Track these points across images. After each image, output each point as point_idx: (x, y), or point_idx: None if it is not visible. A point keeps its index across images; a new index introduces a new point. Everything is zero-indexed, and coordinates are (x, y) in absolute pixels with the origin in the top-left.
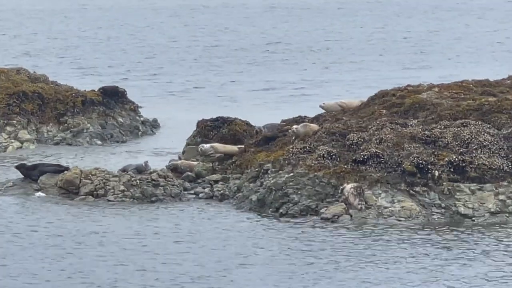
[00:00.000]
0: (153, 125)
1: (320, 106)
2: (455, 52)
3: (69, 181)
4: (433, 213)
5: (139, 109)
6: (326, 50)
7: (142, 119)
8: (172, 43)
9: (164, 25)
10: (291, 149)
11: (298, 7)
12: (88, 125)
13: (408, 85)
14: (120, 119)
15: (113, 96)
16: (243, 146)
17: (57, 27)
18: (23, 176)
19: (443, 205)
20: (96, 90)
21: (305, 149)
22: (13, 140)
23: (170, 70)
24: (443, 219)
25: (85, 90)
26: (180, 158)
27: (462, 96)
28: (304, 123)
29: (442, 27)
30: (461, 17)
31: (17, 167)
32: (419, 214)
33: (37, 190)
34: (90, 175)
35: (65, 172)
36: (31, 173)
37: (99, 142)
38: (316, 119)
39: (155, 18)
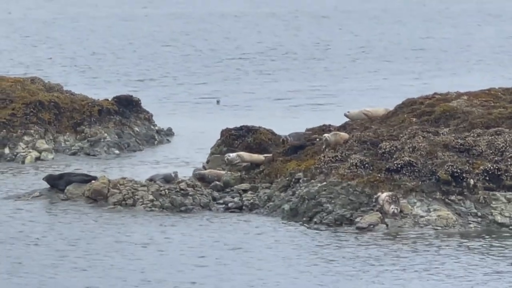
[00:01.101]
0: (168, 134)
1: (345, 115)
2: (467, 59)
3: (97, 191)
4: (469, 222)
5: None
6: (334, 58)
7: (156, 128)
8: (183, 52)
9: (176, 34)
10: (322, 158)
11: (303, 15)
12: (105, 134)
13: (435, 93)
14: (136, 128)
15: (127, 106)
16: (269, 155)
17: (65, 36)
18: (49, 186)
19: (479, 214)
20: (109, 100)
21: (337, 158)
22: (31, 150)
23: (182, 80)
24: (479, 228)
25: (98, 99)
26: (204, 168)
27: (492, 104)
28: (334, 132)
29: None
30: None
31: (44, 178)
32: (456, 223)
33: (65, 200)
34: (118, 185)
35: (93, 181)
36: (57, 183)
37: (116, 151)
38: (343, 128)
39: (168, 27)
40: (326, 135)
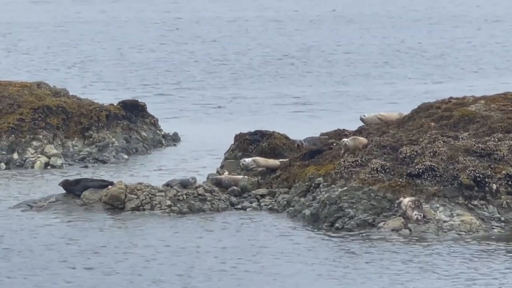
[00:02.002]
0: (174, 139)
1: (361, 119)
2: (475, 64)
3: (114, 196)
4: (493, 227)
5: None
6: (340, 63)
7: (162, 133)
8: (186, 57)
9: (179, 38)
10: (342, 162)
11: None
12: (113, 139)
13: (451, 98)
14: (143, 133)
15: (133, 110)
16: (284, 160)
17: (65, 41)
18: (65, 192)
19: (502, 218)
20: (114, 104)
21: (357, 162)
22: (40, 155)
23: (186, 85)
24: (503, 232)
25: (103, 104)
26: (219, 173)
27: (510, 108)
28: (353, 137)
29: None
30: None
31: (60, 183)
32: (480, 228)
33: (82, 205)
34: (136, 190)
35: (109, 187)
36: (74, 188)
37: (125, 156)
38: (359, 132)
39: (170, 33)
40: (345, 139)
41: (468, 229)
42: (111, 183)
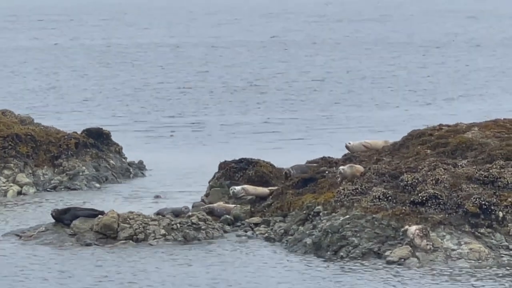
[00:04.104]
0: (140, 167)
1: (346, 146)
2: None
3: (107, 225)
4: (501, 255)
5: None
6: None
7: (128, 161)
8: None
9: (141, 63)
10: (342, 190)
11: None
12: (83, 167)
13: (441, 124)
14: (112, 162)
15: (98, 138)
16: (273, 188)
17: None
18: (54, 221)
19: (510, 246)
20: (77, 133)
21: (357, 190)
22: (12, 184)
23: (143, 110)
24: None
25: (71, 132)
26: (204, 201)
27: (506, 135)
28: (350, 164)
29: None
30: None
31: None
32: (488, 256)
33: (72, 235)
34: (128, 219)
35: (100, 216)
36: (63, 217)
37: (97, 185)
38: (349, 160)
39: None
40: (342, 167)
41: (477, 257)
42: (102, 212)
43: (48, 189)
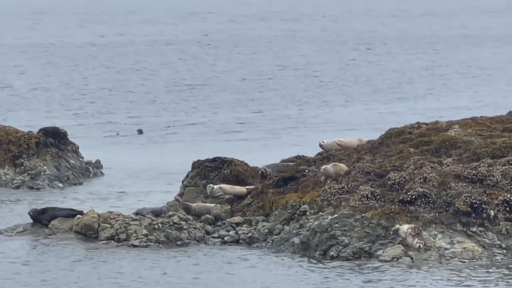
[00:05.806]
0: (97, 167)
1: (320, 145)
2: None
3: (87, 225)
4: (495, 254)
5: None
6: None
7: (85, 160)
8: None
9: (105, 62)
10: (328, 189)
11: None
12: (45, 167)
13: (418, 123)
14: (72, 161)
15: (55, 137)
16: (250, 187)
17: None
18: (32, 221)
19: (503, 245)
20: (33, 132)
21: (344, 189)
22: None
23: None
24: (506, 259)
25: (30, 132)
26: (177, 200)
27: (488, 133)
28: (334, 163)
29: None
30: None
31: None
32: (482, 255)
33: (50, 235)
34: (109, 219)
35: (79, 216)
36: (41, 217)
37: (60, 184)
38: (327, 158)
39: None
40: (325, 166)
41: (471, 256)
42: (81, 212)
43: (10, 189)
